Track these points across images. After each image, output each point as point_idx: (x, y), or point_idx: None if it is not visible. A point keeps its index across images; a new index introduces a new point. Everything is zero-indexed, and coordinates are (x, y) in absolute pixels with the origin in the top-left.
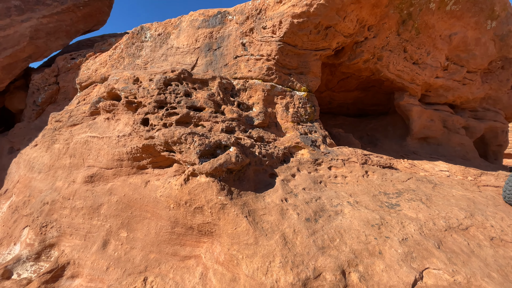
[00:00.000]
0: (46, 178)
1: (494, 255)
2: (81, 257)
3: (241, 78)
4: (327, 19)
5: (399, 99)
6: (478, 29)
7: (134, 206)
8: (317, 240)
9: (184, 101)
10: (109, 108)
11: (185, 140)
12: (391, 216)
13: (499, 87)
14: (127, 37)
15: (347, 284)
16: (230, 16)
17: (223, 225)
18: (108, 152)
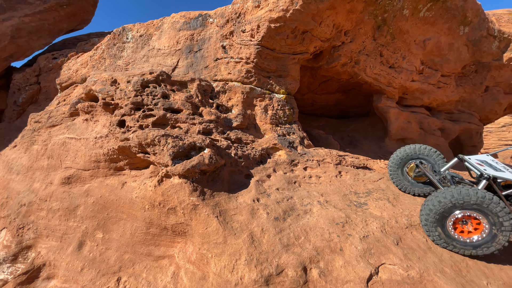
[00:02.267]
0: (24, 179)
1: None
2: (56, 258)
3: (221, 80)
4: (303, 24)
5: (377, 101)
6: (451, 35)
7: (110, 207)
8: (283, 238)
9: (161, 103)
10: (88, 110)
11: (158, 142)
12: (357, 214)
13: (473, 90)
14: (108, 38)
15: (307, 279)
16: (211, 19)
17: (195, 225)
18: (86, 154)
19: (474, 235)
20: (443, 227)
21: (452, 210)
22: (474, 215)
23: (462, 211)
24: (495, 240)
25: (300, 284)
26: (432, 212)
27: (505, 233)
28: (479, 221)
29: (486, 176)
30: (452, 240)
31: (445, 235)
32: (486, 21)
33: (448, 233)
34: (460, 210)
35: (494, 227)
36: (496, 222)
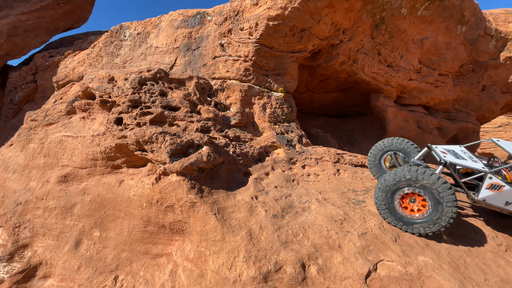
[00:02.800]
0: (20, 178)
1: (448, 248)
2: (53, 257)
3: (219, 78)
4: (301, 22)
5: (375, 100)
6: (448, 34)
7: (107, 205)
8: (281, 235)
9: (159, 100)
10: (85, 107)
11: (156, 139)
12: (355, 212)
13: (470, 89)
14: (106, 36)
15: (306, 276)
16: (209, 17)
17: (193, 223)
18: (83, 152)
19: (419, 213)
20: (392, 204)
21: (399, 188)
22: (417, 191)
23: (407, 188)
24: (438, 219)
25: (299, 280)
26: (381, 190)
27: (447, 213)
28: (425, 200)
29: (442, 162)
30: (399, 217)
31: (393, 212)
32: (483, 20)
33: (396, 210)
34: (406, 187)
35: (437, 206)
36: (439, 202)
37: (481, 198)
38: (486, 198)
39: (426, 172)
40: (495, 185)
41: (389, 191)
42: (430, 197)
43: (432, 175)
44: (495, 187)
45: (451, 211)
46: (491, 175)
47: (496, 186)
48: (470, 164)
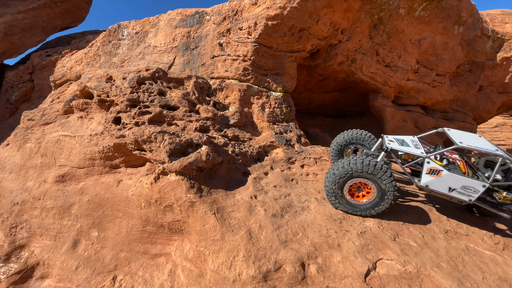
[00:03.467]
0: (17, 178)
1: (446, 246)
2: (50, 257)
3: (218, 78)
4: (300, 22)
5: (373, 100)
6: (446, 34)
7: (106, 205)
8: (280, 234)
9: (158, 100)
10: (82, 107)
11: (155, 138)
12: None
13: (467, 89)
14: (103, 35)
15: (305, 275)
16: (208, 16)
17: (192, 222)
18: (80, 151)
19: (365, 199)
20: (341, 192)
21: (347, 178)
22: (363, 181)
23: (355, 178)
24: (381, 203)
25: (298, 279)
26: (330, 182)
27: (390, 195)
28: (370, 187)
29: (385, 148)
30: (347, 203)
31: (341, 199)
32: (480, 21)
33: (345, 198)
34: (354, 178)
35: (380, 192)
36: (381, 188)
37: (423, 183)
38: (428, 183)
39: (370, 162)
40: (434, 169)
41: (338, 182)
42: (373, 183)
43: (374, 165)
44: (434, 171)
45: (392, 195)
46: (429, 159)
47: (435, 170)
48: (410, 150)
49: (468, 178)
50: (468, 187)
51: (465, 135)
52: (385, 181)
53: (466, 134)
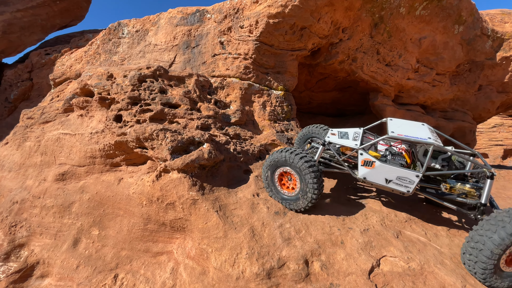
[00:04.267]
0: (16, 176)
1: (449, 244)
2: (51, 256)
3: (219, 76)
4: (301, 20)
5: (374, 99)
6: (446, 33)
7: (106, 203)
8: (283, 232)
9: (159, 97)
10: (83, 105)
11: (157, 136)
12: (357, 208)
13: (466, 89)
14: (103, 33)
15: (309, 272)
16: (209, 15)
17: (195, 220)
18: (81, 149)
19: (292, 191)
20: (272, 180)
21: (276, 167)
22: (288, 170)
23: (282, 168)
24: (305, 196)
25: (302, 277)
26: (263, 168)
27: (311, 190)
28: (295, 178)
29: (322, 141)
30: (277, 193)
31: (272, 187)
32: (480, 20)
33: (275, 187)
34: (281, 167)
35: (302, 184)
36: (304, 180)
37: (361, 175)
38: (365, 175)
39: (293, 153)
40: (367, 161)
41: (269, 169)
42: (298, 176)
43: (296, 156)
44: (368, 163)
45: (313, 189)
46: (362, 151)
47: (368, 162)
48: (345, 142)
49: (400, 169)
50: (403, 178)
51: (405, 124)
52: (306, 173)
53: (407, 124)
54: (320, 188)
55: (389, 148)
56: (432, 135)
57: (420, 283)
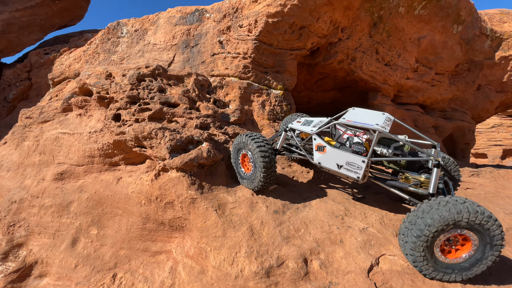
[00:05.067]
0: (14, 176)
1: None
2: (49, 256)
3: (218, 75)
4: (301, 19)
5: (373, 99)
6: (445, 33)
7: (105, 203)
8: (283, 230)
9: (158, 97)
10: (81, 104)
11: (155, 135)
12: (356, 207)
13: (465, 88)
14: (102, 32)
15: (308, 271)
16: (208, 14)
17: (193, 219)
18: (79, 149)
19: (248, 171)
20: (237, 161)
21: (238, 149)
22: (246, 152)
23: (243, 150)
24: (257, 177)
25: (301, 275)
26: (231, 148)
27: (260, 172)
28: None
29: (284, 128)
30: (239, 172)
31: (237, 168)
32: (478, 20)
33: (239, 167)
34: (242, 149)
35: (254, 167)
36: (255, 161)
37: (316, 161)
38: (319, 160)
39: (250, 137)
40: (320, 146)
41: (235, 151)
42: (252, 158)
43: (251, 139)
44: (320, 148)
45: (261, 172)
46: (315, 136)
47: (320, 147)
48: (303, 128)
49: (348, 153)
50: (352, 163)
51: (363, 113)
52: (256, 156)
53: (365, 112)
54: (268, 171)
55: (351, 137)
56: (385, 123)
57: (419, 282)
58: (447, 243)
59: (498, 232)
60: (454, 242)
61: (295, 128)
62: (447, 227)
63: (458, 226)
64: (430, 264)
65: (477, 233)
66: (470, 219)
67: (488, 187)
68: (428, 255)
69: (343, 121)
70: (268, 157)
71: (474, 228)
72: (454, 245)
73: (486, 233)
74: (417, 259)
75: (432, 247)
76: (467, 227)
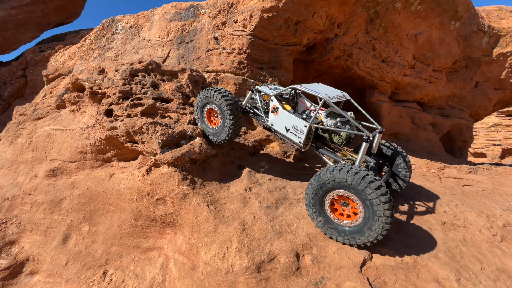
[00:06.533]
0: (8, 173)
1: (443, 238)
2: (40, 253)
3: (213, 71)
4: (296, 14)
5: (370, 96)
6: (442, 29)
7: (97, 199)
8: (275, 225)
9: (151, 92)
10: (74, 100)
11: (146, 129)
12: None
13: (463, 85)
14: (97, 29)
15: (300, 266)
16: (203, 10)
17: (185, 214)
18: (72, 145)
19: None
20: (202, 117)
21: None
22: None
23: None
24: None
25: (293, 270)
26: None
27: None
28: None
29: (253, 88)
30: (206, 126)
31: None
32: (476, 16)
33: (204, 122)
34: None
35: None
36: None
37: (270, 122)
38: (272, 122)
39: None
40: (275, 107)
41: (199, 106)
42: (220, 112)
43: (218, 94)
44: (275, 109)
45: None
46: (273, 97)
47: (275, 108)
48: (267, 91)
49: (294, 116)
50: (297, 127)
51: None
52: (224, 109)
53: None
54: (236, 123)
55: (308, 110)
56: (336, 97)
57: (413, 277)
58: (339, 204)
59: (375, 196)
60: (344, 204)
61: (260, 90)
62: (329, 184)
63: (338, 186)
64: (320, 218)
65: (358, 196)
66: (341, 179)
67: (486, 184)
68: (319, 209)
69: (299, 86)
70: (236, 110)
71: (352, 188)
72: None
73: (364, 196)
74: (313, 214)
75: (323, 203)
76: (344, 186)
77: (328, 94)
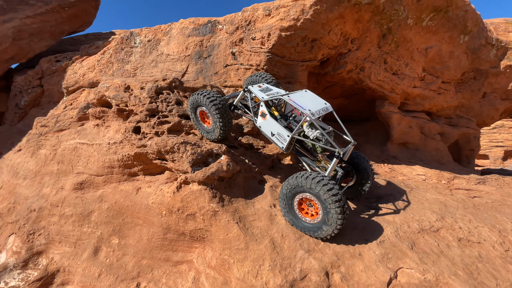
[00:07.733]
0: (32, 184)
1: (461, 254)
2: (71, 264)
3: (231, 86)
4: (313, 33)
5: (380, 106)
6: (452, 43)
7: (125, 212)
8: (303, 243)
9: (176, 109)
10: (99, 115)
11: (177, 149)
12: (371, 219)
13: (471, 96)
14: (116, 42)
15: (330, 284)
16: (220, 26)
17: (215, 231)
18: (99, 159)
19: (209, 125)
20: (197, 118)
21: (196, 107)
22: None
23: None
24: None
25: None
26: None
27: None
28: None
29: (244, 88)
30: (202, 128)
31: (198, 124)
32: (484, 30)
33: (200, 123)
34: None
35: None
36: (212, 117)
37: (258, 124)
38: (260, 125)
39: (204, 96)
40: (263, 113)
41: (192, 109)
42: (210, 114)
43: (204, 97)
44: (263, 114)
45: (219, 125)
46: (263, 103)
47: (264, 114)
48: (258, 93)
49: (279, 125)
50: (281, 135)
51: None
52: (212, 111)
53: (310, 97)
54: (225, 124)
55: (295, 113)
56: (318, 112)
57: None
58: (305, 205)
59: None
60: (309, 205)
61: (252, 91)
62: (295, 188)
63: (302, 189)
64: (290, 216)
65: (318, 200)
66: (303, 184)
67: (495, 195)
68: (289, 207)
69: (287, 98)
70: (222, 109)
71: (312, 191)
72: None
73: (321, 197)
74: (284, 210)
75: (292, 204)
76: (306, 190)
77: (312, 109)
